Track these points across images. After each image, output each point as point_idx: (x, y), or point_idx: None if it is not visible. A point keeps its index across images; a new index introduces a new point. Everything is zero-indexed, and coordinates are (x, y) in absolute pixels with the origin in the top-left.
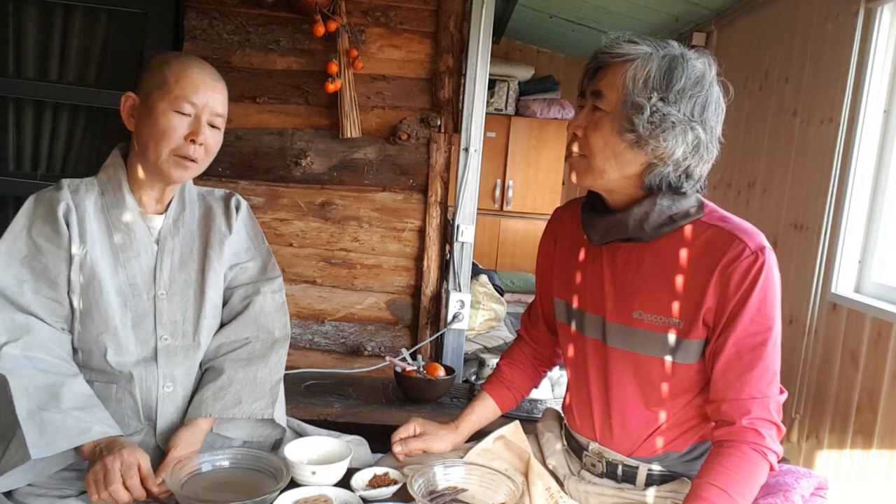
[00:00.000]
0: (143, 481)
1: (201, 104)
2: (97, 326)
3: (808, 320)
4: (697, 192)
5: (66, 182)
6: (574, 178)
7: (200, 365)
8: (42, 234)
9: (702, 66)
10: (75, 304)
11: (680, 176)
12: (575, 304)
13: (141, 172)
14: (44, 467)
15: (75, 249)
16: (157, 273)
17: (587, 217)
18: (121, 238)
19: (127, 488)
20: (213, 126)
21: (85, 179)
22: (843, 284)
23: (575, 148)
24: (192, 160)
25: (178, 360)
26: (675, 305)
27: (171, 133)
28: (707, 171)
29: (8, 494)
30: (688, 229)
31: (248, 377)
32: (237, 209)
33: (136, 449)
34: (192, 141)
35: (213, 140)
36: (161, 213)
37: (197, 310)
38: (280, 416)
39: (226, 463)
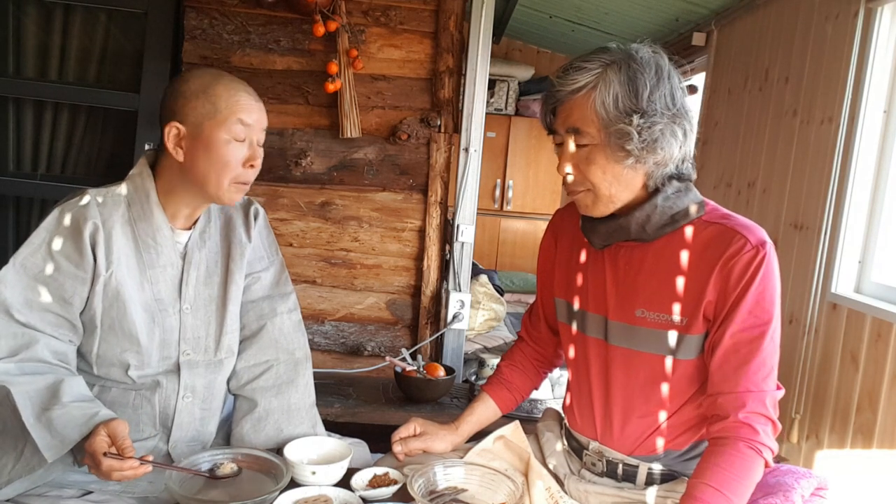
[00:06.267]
0: (122, 453)
1: (253, 122)
2: (121, 343)
3: (808, 320)
4: (691, 165)
5: (91, 193)
6: (585, 211)
7: (228, 382)
8: (62, 252)
9: (649, 55)
10: (97, 322)
11: (678, 165)
12: (576, 305)
13: (182, 191)
14: (42, 474)
15: (100, 271)
16: (182, 288)
17: (587, 223)
18: (148, 253)
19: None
20: (259, 145)
21: (110, 189)
22: (843, 284)
23: (575, 187)
24: (247, 183)
25: (200, 373)
26: (678, 302)
27: (233, 162)
28: (693, 140)
29: None
30: (690, 228)
31: (282, 405)
32: (255, 217)
33: (95, 438)
34: (251, 166)
35: (261, 159)
36: (188, 229)
37: (219, 325)
38: (321, 432)
39: (226, 462)
